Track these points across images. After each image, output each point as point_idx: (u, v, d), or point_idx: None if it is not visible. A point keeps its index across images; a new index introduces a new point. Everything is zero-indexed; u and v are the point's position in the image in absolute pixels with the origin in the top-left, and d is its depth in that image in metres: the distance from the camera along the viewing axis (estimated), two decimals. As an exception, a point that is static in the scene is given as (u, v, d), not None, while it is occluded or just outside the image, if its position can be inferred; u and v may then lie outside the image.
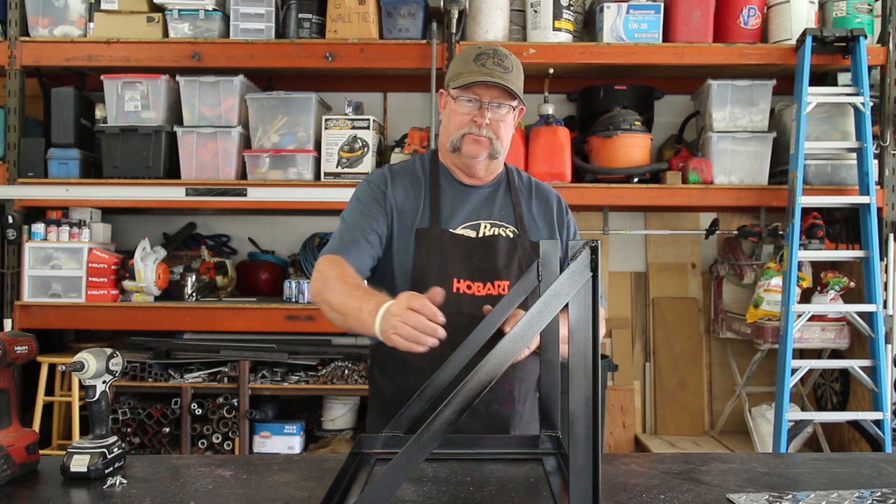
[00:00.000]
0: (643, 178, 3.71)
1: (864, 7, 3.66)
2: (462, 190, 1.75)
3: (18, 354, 1.34)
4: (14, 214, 3.62)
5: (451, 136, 1.70)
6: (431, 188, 1.73)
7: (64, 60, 3.73)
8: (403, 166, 1.80)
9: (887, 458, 1.60)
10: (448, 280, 1.63)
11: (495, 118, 1.67)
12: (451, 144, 1.71)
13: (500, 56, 1.66)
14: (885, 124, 3.63)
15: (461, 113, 1.68)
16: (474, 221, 1.72)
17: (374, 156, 3.71)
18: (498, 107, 1.66)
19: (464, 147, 1.68)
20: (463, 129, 1.68)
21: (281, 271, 4.08)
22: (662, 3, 3.72)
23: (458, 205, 1.73)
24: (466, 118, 1.67)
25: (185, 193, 3.63)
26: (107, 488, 1.26)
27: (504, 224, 1.73)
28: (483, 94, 1.65)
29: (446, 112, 1.73)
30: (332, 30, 3.71)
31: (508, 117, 1.69)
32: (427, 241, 1.66)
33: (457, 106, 1.68)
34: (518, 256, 1.69)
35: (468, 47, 1.73)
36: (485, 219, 1.72)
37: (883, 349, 3.37)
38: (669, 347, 4.25)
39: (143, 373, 3.56)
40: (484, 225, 1.71)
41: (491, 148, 1.68)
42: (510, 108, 1.68)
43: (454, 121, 1.69)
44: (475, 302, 1.62)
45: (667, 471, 1.40)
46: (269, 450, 3.55)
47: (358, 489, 1.23)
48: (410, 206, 1.71)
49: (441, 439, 1.00)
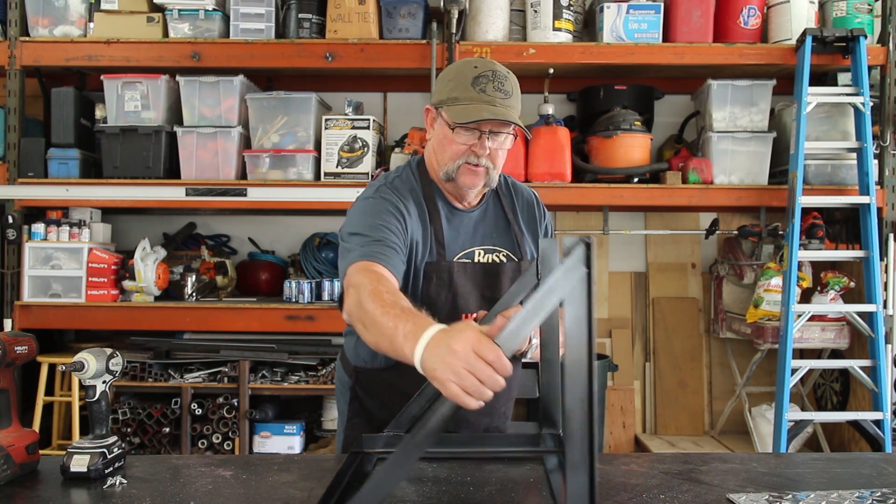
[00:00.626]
0: (643, 178, 3.71)
1: (864, 7, 3.66)
2: (456, 215, 1.66)
3: (18, 354, 1.34)
4: (14, 214, 3.62)
5: (447, 166, 1.58)
6: (431, 214, 1.62)
7: (64, 60, 3.73)
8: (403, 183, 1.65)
9: (887, 458, 1.60)
10: (457, 313, 1.59)
11: (494, 147, 1.57)
12: (444, 174, 1.60)
13: (499, 79, 1.54)
14: (885, 124, 3.63)
15: (458, 143, 1.55)
16: (469, 249, 1.65)
17: (374, 156, 3.71)
18: (497, 135, 1.56)
19: (459, 178, 1.58)
20: (459, 159, 1.56)
21: (281, 271, 4.08)
22: (662, 3, 3.72)
23: (454, 233, 1.64)
24: (464, 148, 1.56)
25: (185, 193, 3.63)
26: (107, 488, 1.26)
27: (497, 248, 1.67)
28: (483, 124, 1.53)
29: (438, 137, 1.60)
30: (332, 30, 3.70)
31: (507, 142, 1.60)
32: (436, 275, 1.59)
33: (455, 136, 1.55)
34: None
35: (463, 65, 1.58)
36: (477, 245, 1.66)
37: (883, 349, 3.36)
38: (669, 347, 4.25)
39: (143, 373, 3.56)
40: (478, 252, 1.65)
41: (487, 177, 1.60)
42: (508, 135, 1.59)
43: (449, 150, 1.57)
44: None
45: (667, 471, 1.40)
46: (269, 450, 3.55)
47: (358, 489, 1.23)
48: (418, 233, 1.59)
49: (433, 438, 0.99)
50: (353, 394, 1.71)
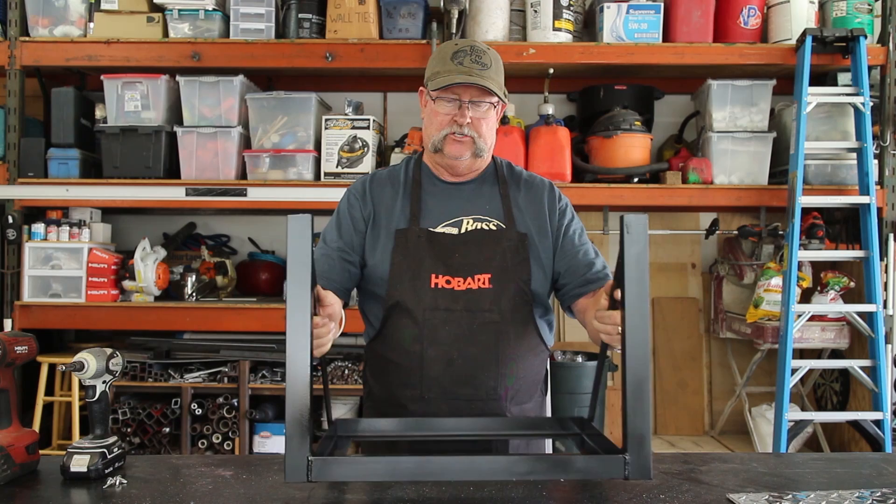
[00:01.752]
0: (643, 178, 3.71)
1: (864, 7, 3.66)
2: (445, 188, 1.74)
3: (18, 354, 1.34)
4: (14, 214, 3.62)
5: (433, 137, 1.68)
6: (412, 190, 1.72)
7: (64, 60, 3.73)
8: (389, 171, 1.79)
9: (887, 458, 1.60)
10: (425, 276, 1.62)
11: (476, 116, 1.64)
12: (432, 146, 1.69)
13: (477, 53, 1.64)
14: (885, 124, 3.63)
15: (441, 113, 1.65)
16: (457, 218, 1.69)
17: (374, 156, 3.71)
18: (478, 105, 1.64)
19: (446, 148, 1.66)
20: (444, 129, 1.65)
21: (281, 271, 4.08)
22: (662, 3, 3.72)
23: (440, 203, 1.71)
24: (447, 118, 1.65)
25: (185, 193, 3.63)
26: (107, 488, 1.26)
27: (488, 218, 1.70)
28: (462, 94, 1.63)
29: (427, 112, 1.71)
30: (332, 30, 3.71)
31: (490, 114, 1.67)
32: (404, 241, 1.65)
33: (437, 106, 1.66)
34: (503, 248, 1.65)
35: (445, 44, 1.70)
36: (468, 214, 1.70)
37: (883, 349, 3.37)
38: (669, 347, 4.25)
39: (143, 373, 3.55)
40: (466, 221, 1.69)
41: (474, 147, 1.67)
42: (491, 105, 1.66)
43: (435, 121, 1.67)
44: (454, 296, 1.61)
45: (667, 471, 1.40)
46: (269, 450, 3.55)
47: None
48: (389, 209, 1.71)
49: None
50: (364, 377, 1.81)
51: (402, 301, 1.62)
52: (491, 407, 1.63)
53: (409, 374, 1.63)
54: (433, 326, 1.60)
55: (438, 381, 1.61)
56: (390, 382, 1.67)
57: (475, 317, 1.60)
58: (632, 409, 1.17)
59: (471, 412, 1.61)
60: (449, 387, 1.61)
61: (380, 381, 1.71)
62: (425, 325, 1.60)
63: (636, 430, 1.17)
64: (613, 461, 1.18)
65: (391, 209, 1.71)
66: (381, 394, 1.71)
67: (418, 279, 1.62)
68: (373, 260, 1.68)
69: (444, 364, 1.60)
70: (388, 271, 1.64)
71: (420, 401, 1.62)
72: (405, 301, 1.62)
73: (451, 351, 1.60)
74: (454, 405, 1.61)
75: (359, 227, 1.71)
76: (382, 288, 1.65)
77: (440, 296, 1.61)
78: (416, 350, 1.61)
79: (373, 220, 1.71)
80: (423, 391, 1.61)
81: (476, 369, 1.61)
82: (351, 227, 1.72)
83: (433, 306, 1.60)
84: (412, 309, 1.61)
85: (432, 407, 1.61)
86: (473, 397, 1.62)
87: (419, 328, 1.61)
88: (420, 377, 1.61)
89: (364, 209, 1.72)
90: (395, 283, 1.63)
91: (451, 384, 1.61)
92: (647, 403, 1.18)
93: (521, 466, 1.16)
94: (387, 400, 1.69)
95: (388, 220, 1.70)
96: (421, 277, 1.62)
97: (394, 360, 1.66)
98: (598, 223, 4.10)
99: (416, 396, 1.62)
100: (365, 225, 1.71)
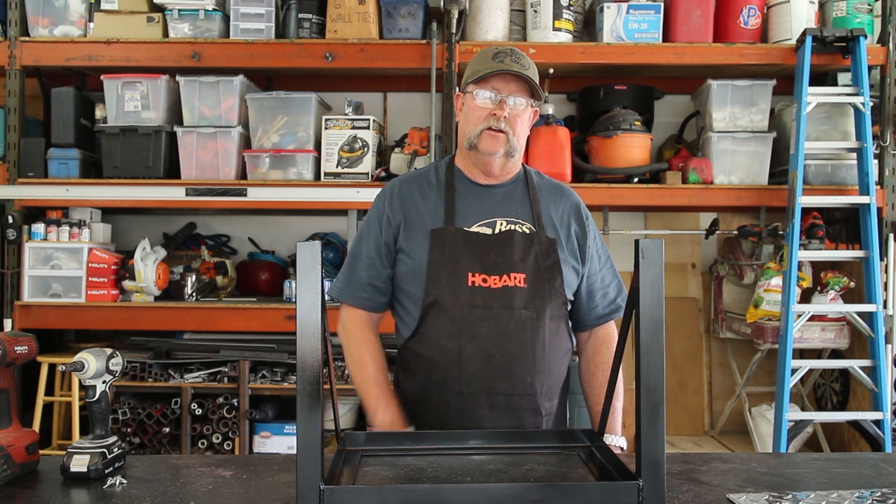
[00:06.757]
0: (643, 178, 3.71)
1: (864, 7, 3.66)
2: (478, 190, 1.77)
3: (18, 354, 1.34)
4: (14, 214, 3.62)
5: (469, 133, 1.71)
6: (446, 191, 1.75)
7: (64, 60, 3.73)
8: (416, 175, 1.83)
9: (887, 458, 1.60)
10: (462, 274, 1.65)
11: (513, 113, 1.67)
12: (468, 142, 1.72)
13: (517, 54, 1.69)
14: (885, 124, 3.63)
15: (479, 107, 1.68)
16: (490, 219, 1.73)
17: (374, 156, 3.71)
18: (516, 100, 1.67)
19: (481, 144, 1.69)
20: (481, 124, 1.68)
21: (281, 271, 4.08)
22: (662, 3, 3.72)
23: (474, 204, 1.74)
24: (484, 112, 1.67)
25: (185, 193, 3.63)
26: (107, 488, 1.26)
27: (520, 221, 1.74)
28: (502, 88, 1.67)
29: (464, 111, 1.74)
30: (332, 30, 3.71)
31: (526, 113, 1.70)
32: (441, 240, 1.68)
33: (475, 101, 1.68)
34: (535, 251, 1.70)
35: (486, 48, 1.75)
36: (501, 216, 1.73)
37: (883, 349, 3.37)
38: (669, 347, 4.25)
39: (143, 373, 3.55)
40: (500, 222, 1.73)
41: (508, 145, 1.69)
42: (528, 104, 1.70)
43: (472, 117, 1.70)
44: (491, 294, 1.65)
45: (666, 470, 1.39)
46: (269, 450, 3.55)
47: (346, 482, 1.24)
48: (421, 210, 1.74)
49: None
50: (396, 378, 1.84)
51: (440, 299, 1.65)
52: (527, 402, 1.67)
53: (447, 371, 1.65)
54: (471, 323, 1.63)
55: (477, 377, 1.64)
56: (427, 380, 1.69)
57: (512, 314, 1.64)
58: (647, 433, 1.14)
59: (508, 407, 1.65)
60: (487, 382, 1.64)
61: (414, 380, 1.73)
62: (464, 322, 1.64)
63: (651, 454, 1.14)
64: (627, 488, 1.15)
65: (423, 211, 1.74)
66: (412, 390, 1.74)
67: (455, 277, 1.65)
68: (409, 260, 1.71)
69: (482, 360, 1.64)
70: (425, 270, 1.67)
71: (458, 396, 1.65)
72: (443, 299, 1.65)
73: (490, 347, 1.63)
74: (492, 399, 1.65)
75: (392, 232, 1.74)
76: (420, 287, 1.68)
77: (477, 293, 1.65)
78: (455, 347, 1.64)
79: (404, 223, 1.73)
80: (461, 387, 1.64)
81: (514, 365, 1.64)
82: (382, 232, 1.75)
83: (471, 303, 1.64)
84: (450, 307, 1.64)
85: (470, 402, 1.65)
86: (511, 392, 1.65)
87: (458, 325, 1.64)
88: (459, 373, 1.64)
89: (394, 214, 1.75)
90: (432, 282, 1.66)
91: (490, 380, 1.64)
92: (663, 427, 1.15)
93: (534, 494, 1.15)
94: (419, 396, 1.71)
95: (422, 221, 1.72)
96: (458, 275, 1.65)
97: (432, 357, 1.68)
98: (599, 223, 4.07)
99: (454, 392, 1.65)
100: (397, 229, 1.74)
